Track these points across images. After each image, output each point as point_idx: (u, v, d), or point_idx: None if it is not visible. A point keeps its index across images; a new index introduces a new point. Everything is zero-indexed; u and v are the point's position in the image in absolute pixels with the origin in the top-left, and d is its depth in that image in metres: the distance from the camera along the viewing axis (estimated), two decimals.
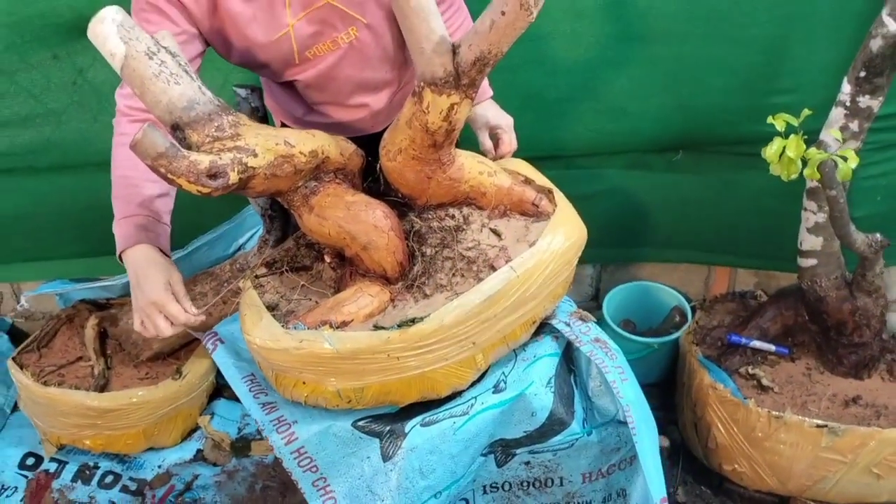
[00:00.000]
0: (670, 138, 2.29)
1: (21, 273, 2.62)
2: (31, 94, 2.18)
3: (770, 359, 2.14)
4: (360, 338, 1.26)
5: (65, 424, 2.12)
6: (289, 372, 1.32)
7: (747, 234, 2.45)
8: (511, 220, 1.48)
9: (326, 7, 1.47)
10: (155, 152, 1.11)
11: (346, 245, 1.36)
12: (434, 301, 1.33)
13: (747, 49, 2.06)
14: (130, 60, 1.16)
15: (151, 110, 1.20)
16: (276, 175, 1.26)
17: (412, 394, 1.37)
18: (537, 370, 1.49)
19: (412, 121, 1.30)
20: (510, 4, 1.11)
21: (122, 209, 1.45)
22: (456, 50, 1.21)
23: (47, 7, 2.01)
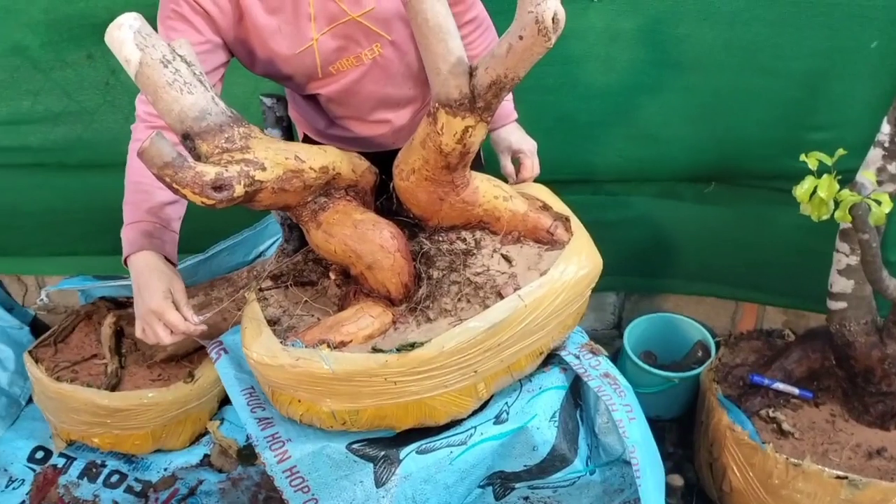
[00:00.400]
0: (702, 169, 2.24)
1: (46, 267, 2.66)
2: (66, 92, 2.21)
3: (793, 402, 2.07)
4: (358, 359, 1.24)
5: (75, 421, 2.13)
6: (285, 389, 1.30)
7: (778, 271, 2.38)
8: (524, 246, 1.45)
9: (351, 23, 1.46)
10: (161, 161, 1.10)
11: (351, 263, 1.33)
12: (437, 326, 1.30)
13: (786, 82, 2.00)
14: (145, 67, 1.15)
15: (163, 118, 1.20)
16: (284, 189, 1.24)
17: (409, 419, 1.34)
18: (542, 403, 1.45)
19: (426, 141, 1.28)
20: (528, 29, 1.08)
21: (130, 215, 1.45)
22: (473, 72, 1.19)
23: (85, 7, 2.03)
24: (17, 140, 2.30)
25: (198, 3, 1.39)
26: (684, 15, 1.94)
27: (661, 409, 2.45)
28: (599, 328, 2.76)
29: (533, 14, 1.07)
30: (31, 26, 2.07)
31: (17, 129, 2.28)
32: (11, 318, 2.64)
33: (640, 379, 2.36)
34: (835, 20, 1.89)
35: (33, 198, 2.44)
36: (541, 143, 1.74)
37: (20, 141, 2.30)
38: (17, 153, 2.33)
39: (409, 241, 1.41)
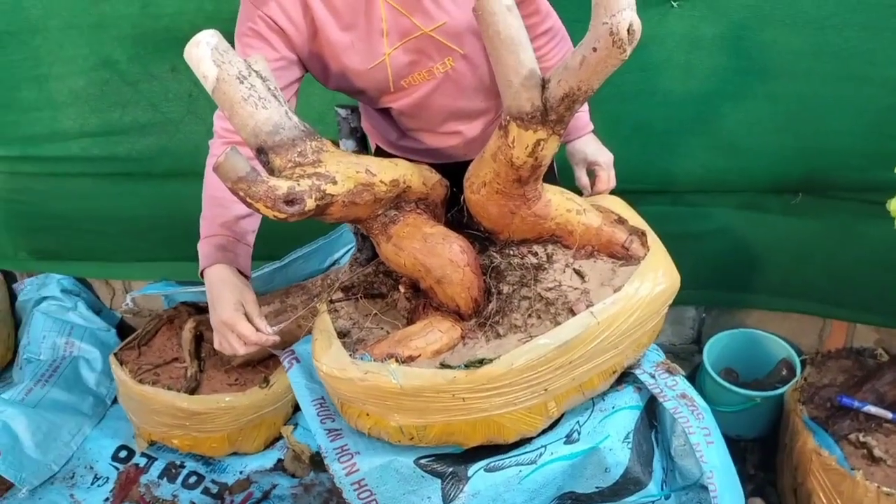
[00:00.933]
0: (788, 180, 2.14)
1: (132, 272, 2.76)
2: (152, 104, 2.30)
3: (885, 427, 1.95)
4: (426, 375, 1.23)
5: (156, 423, 2.20)
6: (353, 402, 1.30)
7: (869, 287, 2.26)
8: (598, 261, 1.41)
9: (423, 38, 1.46)
10: (235, 175, 1.11)
11: (420, 277, 1.33)
12: (506, 342, 1.27)
13: (879, 89, 1.90)
14: (221, 84, 1.17)
15: (238, 132, 1.22)
16: (355, 203, 1.24)
17: (477, 436, 1.32)
18: (615, 423, 1.41)
19: (497, 154, 1.26)
20: (602, 41, 1.05)
21: (206, 229, 1.48)
22: (545, 84, 1.16)
23: (170, 22, 2.11)
24: (106, 150, 2.40)
25: (273, 21, 1.41)
26: (769, 20, 1.87)
27: (743, 429, 2.36)
28: (678, 343, 2.68)
29: (608, 25, 1.03)
30: (120, 41, 2.17)
31: (106, 139, 2.38)
32: (99, 321, 2.75)
33: (721, 397, 2.27)
34: None
35: (121, 205, 2.54)
36: (618, 152, 1.70)
37: (109, 151, 2.40)
38: (106, 163, 2.43)
39: (479, 255, 1.39)
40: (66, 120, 2.35)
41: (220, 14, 2.05)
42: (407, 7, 1.42)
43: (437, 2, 1.42)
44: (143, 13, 2.10)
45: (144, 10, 2.09)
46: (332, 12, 1.43)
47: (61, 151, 2.42)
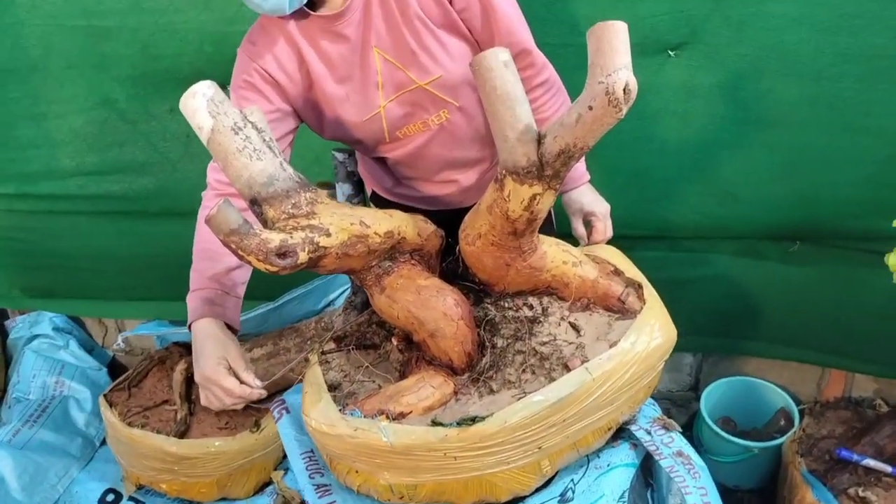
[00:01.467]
0: (786, 228, 2.14)
1: (126, 310, 2.74)
2: (150, 143, 2.30)
3: (885, 481, 1.93)
4: (417, 432, 1.20)
5: (144, 466, 2.15)
6: (342, 458, 1.27)
7: (868, 337, 2.25)
8: (594, 314, 1.39)
9: (418, 91, 1.47)
10: (228, 228, 1.11)
11: (413, 330, 1.31)
12: (500, 398, 1.25)
13: (875, 140, 1.91)
14: (216, 135, 1.16)
15: (233, 184, 1.21)
16: (348, 255, 1.23)
17: (469, 496, 1.28)
18: (610, 481, 1.37)
19: (493, 207, 1.25)
20: (598, 100, 1.05)
21: (195, 281, 1.50)
22: (541, 139, 1.16)
23: (171, 64, 2.12)
24: (103, 188, 2.40)
25: (268, 73, 1.42)
26: (766, 70, 1.88)
27: (741, 479, 2.33)
28: (675, 390, 2.66)
29: (603, 85, 1.03)
30: (120, 81, 2.17)
31: (104, 178, 2.38)
32: (91, 360, 2.72)
33: (718, 447, 2.24)
34: None
35: (116, 244, 2.53)
36: (615, 198, 1.70)
37: (106, 189, 2.39)
38: (103, 201, 2.42)
39: (474, 307, 1.37)
40: (63, 158, 2.35)
41: (220, 56, 2.06)
42: (402, 61, 1.43)
43: (432, 56, 1.43)
44: (144, 54, 2.11)
45: (145, 51, 2.10)
46: (327, 65, 1.43)
47: (58, 189, 2.42)
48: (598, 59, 1.05)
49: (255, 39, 1.46)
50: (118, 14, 2.04)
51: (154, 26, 2.04)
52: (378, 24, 1.42)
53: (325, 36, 1.43)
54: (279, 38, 1.43)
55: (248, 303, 2.38)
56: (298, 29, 1.43)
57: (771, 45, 1.85)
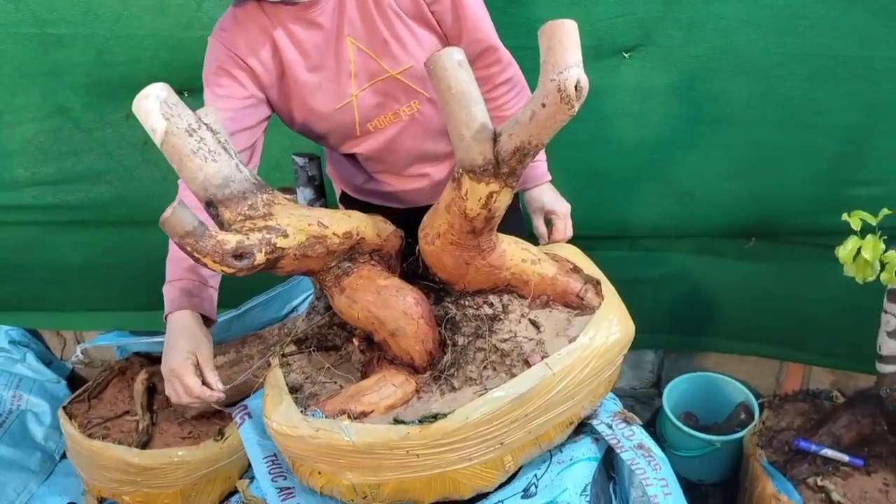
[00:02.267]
0: (742, 225, 2.19)
1: (84, 322, 2.70)
2: (106, 151, 2.27)
3: (843, 470, 1.96)
4: (379, 431, 1.20)
5: (106, 478, 2.12)
6: (305, 460, 1.27)
7: (823, 330, 2.30)
8: (553, 311, 1.40)
9: (390, 80, 1.49)
10: (182, 230, 1.10)
11: (374, 330, 1.31)
12: (461, 395, 1.25)
13: (827, 138, 1.96)
14: (170, 137, 1.15)
15: (187, 185, 1.20)
16: (307, 255, 1.23)
17: (432, 494, 1.28)
18: (572, 475, 1.38)
19: (451, 206, 1.26)
20: (550, 97, 1.07)
21: (171, 272, 1.48)
22: (497, 138, 1.17)
23: (126, 71, 2.09)
24: (59, 198, 2.35)
25: (242, 59, 1.43)
26: (718, 71, 1.92)
27: (704, 473, 2.36)
28: (638, 386, 2.69)
29: (555, 82, 1.05)
30: (74, 89, 2.14)
31: (59, 187, 2.33)
32: (49, 373, 2.67)
33: (681, 442, 2.28)
34: (875, 73, 1.86)
35: (74, 254, 2.49)
36: (574, 199, 1.72)
37: (62, 199, 2.35)
38: (59, 211, 2.38)
39: (434, 306, 1.38)
40: (17, 168, 2.30)
41: (175, 62, 2.04)
42: (375, 50, 1.45)
43: (404, 46, 1.46)
44: (98, 61, 2.08)
45: (99, 58, 2.07)
46: (301, 53, 1.45)
47: (13, 200, 2.36)
48: (550, 57, 1.07)
49: (227, 26, 1.46)
50: (71, 22, 2.00)
51: (108, 33, 2.01)
52: (352, 13, 1.44)
53: (298, 23, 1.44)
54: (251, 25, 1.44)
55: None
56: (270, 16, 1.43)
57: (721, 47, 1.88)
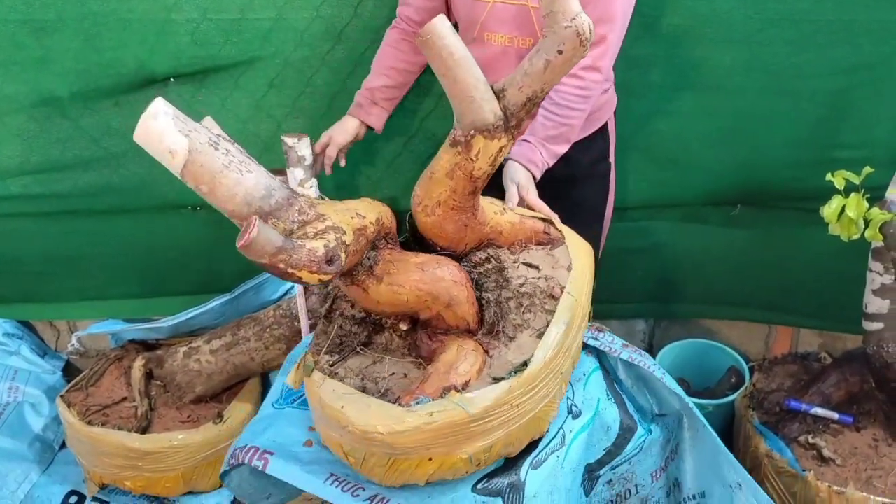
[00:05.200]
0: (727, 192, 2.21)
1: (78, 311, 2.68)
2: (94, 139, 2.25)
3: (833, 428, 2.01)
4: (488, 394, 1.21)
5: (106, 464, 2.14)
6: (414, 452, 1.23)
7: (810, 293, 2.34)
8: (531, 251, 1.48)
9: (525, 9, 1.65)
10: (272, 248, 1.02)
11: (425, 307, 1.29)
12: (522, 341, 1.31)
13: (809, 102, 1.99)
14: (196, 155, 1.03)
15: (225, 206, 1.09)
16: (356, 251, 1.20)
17: (525, 439, 1.34)
18: (594, 386, 1.52)
19: (454, 171, 1.27)
20: (568, 43, 1.14)
21: (363, 85, 1.91)
22: (501, 94, 1.22)
23: (113, 56, 2.08)
24: (47, 188, 2.34)
25: None
26: (701, 38, 1.94)
27: None
28: None
29: (572, 28, 1.14)
30: (62, 76, 2.12)
31: (47, 176, 2.32)
32: (44, 364, 2.67)
33: None
34: (855, 36, 1.88)
35: (64, 244, 2.48)
36: None
37: (51, 188, 2.33)
38: (47, 201, 2.37)
39: None
40: (4, 158, 2.28)
41: (162, 46, 2.04)
42: None
43: None
44: (87, 46, 2.06)
45: (88, 43, 2.06)
46: None
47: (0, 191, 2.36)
48: (556, 6, 1.14)
49: None
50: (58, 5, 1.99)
51: (96, 16, 2.00)
52: None
53: None
54: None
55: (203, 296, 2.40)
56: None
57: (704, 14, 1.90)
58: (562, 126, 1.67)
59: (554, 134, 1.67)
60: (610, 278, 2.19)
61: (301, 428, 1.49)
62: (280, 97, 2.13)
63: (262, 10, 2.00)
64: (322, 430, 1.37)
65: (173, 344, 2.36)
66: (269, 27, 2.02)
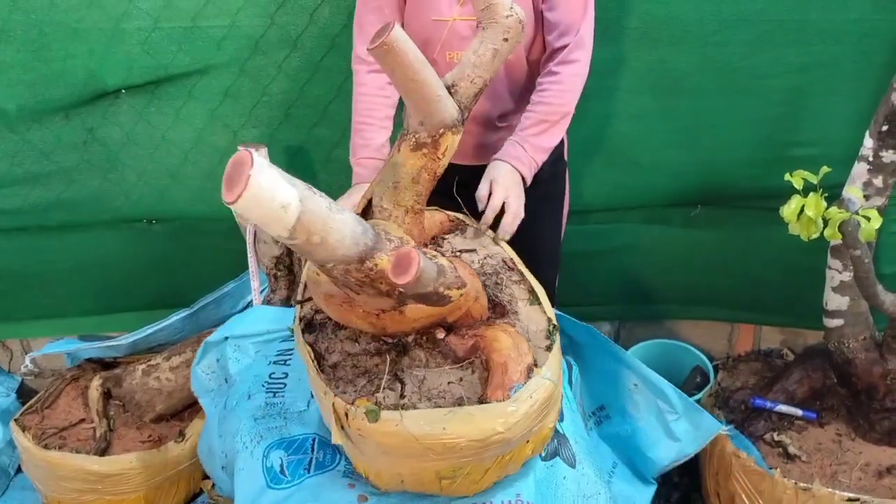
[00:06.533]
0: (688, 193, 2.23)
1: (31, 330, 2.61)
2: (43, 153, 2.20)
3: (797, 424, 2.03)
4: (553, 361, 1.26)
5: (65, 489, 2.07)
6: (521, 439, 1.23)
7: (772, 291, 2.36)
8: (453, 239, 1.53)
9: None
10: (433, 277, 1.03)
11: (457, 308, 1.24)
12: (524, 311, 1.36)
13: (765, 101, 2.01)
14: (307, 203, 0.91)
15: (334, 254, 1.01)
16: None
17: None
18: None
19: (420, 175, 1.28)
20: (512, 29, 1.22)
21: (360, 151, 1.72)
22: (452, 89, 1.25)
23: (62, 67, 2.03)
24: None
25: None
26: (657, 40, 1.95)
27: None
28: None
29: (513, 16, 1.22)
30: (9, 88, 2.06)
31: None
32: None
33: None
34: (808, 36, 1.91)
35: (16, 261, 2.41)
36: None
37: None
38: None
39: None
40: None
41: (112, 56, 1.99)
42: None
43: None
44: (35, 57, 2.01)
45: (35, 53, 2.00)
46: None
47: None
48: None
49: None
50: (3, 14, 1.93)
51: (43, 26, 1.95)
52: None
53: None
54: None
55: (162, 311, 2.34)
56: None
57: (660, 16, 1.92)
58: (542, 122, 1.67)
59: (536, 131, 1.67)
60: (574, 281, 2.20)
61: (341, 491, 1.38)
62: (236, 106, 2.10)
63: (215, 18, 1.97)
64: (407, 468, 1.26)
65: (132, 362, 2.29)
66: (222, 35, 1.99)
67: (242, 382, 1.69)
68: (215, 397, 1.78)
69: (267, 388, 1.64)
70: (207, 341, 1.84)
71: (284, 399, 1.59)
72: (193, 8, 1.95)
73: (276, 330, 1.79)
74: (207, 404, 1.81)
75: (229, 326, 1.83)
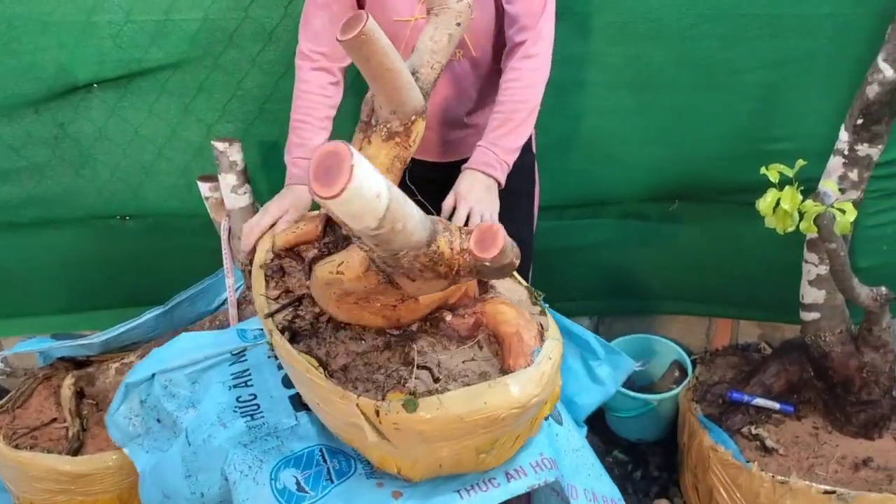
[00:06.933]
0: (666, 187, 2.23)
1: (3, 329, 2.57)
2: (13, 149, 2.16)
3: (774, 417, 2.04)
4: (551, 323, 1.33)
5: (37, 490, 2.03)
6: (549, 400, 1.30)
7: (749, 285, 2.37)
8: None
9: None
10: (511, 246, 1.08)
11: (458, 287, 1.30)
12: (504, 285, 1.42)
13: (741, 96, 2.01)
14: (392, 190, 0.90)
15: (410, 240, 0.99)
16: None
17: None
18: None
19: (393, 165, 1.27)
20: (464, 14, 1.26)
21: (296, 150, 1.68)
22: (414, 76, 1.26)
23: (32, 61, 1.99)
24: None
25: None
26: (633, 35, 1.95)
27: (644, 433, 2.41)
28: None
29: (464, 1, 1.27)
30: None
31: None
32: None
33: (620, 403, 2.32)
34: (782, 30, 1.91)
35: None
36: None
37: None
38: None
39: None
40: None
41: (83, 50, 1.96)
42: None
43: None
44: (4, 50, 1.97)
45: (5, 46, 1.96)
46: None
47: None
48: None
49: None
50: None
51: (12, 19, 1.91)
52: None
53: None
54: None
55: (135, 309, 2.31)
56: None
57: (636, 10, 1.91)
58: (508, 122, 1.65)
59: (504, 132, 1.65)
60: (552, 276, 2.19)
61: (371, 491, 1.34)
62: (210, 101, 2.07)
63: (188, 11, 1.94)
64: (446, 451, 1.23)
65: (105, 360, 2.25)
66: (196, 28, 1.96)
67: (204, 414, 1.56)
68: (149, 441, 1.69)
69: (241, 412, 1.53)
70: (127, 383, 1.70)
71: (266, 419, 1.51)
72: (166, 1, 1.92)
73: (215, 355, 1.65)
74: (137, 451, 1.72)
75: (151, 363, 1.68)
